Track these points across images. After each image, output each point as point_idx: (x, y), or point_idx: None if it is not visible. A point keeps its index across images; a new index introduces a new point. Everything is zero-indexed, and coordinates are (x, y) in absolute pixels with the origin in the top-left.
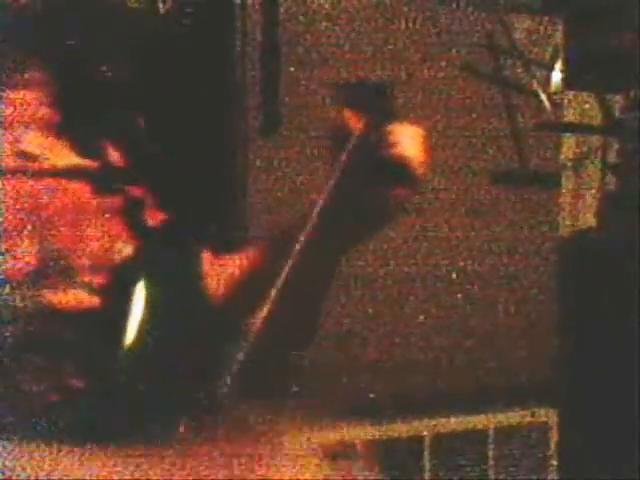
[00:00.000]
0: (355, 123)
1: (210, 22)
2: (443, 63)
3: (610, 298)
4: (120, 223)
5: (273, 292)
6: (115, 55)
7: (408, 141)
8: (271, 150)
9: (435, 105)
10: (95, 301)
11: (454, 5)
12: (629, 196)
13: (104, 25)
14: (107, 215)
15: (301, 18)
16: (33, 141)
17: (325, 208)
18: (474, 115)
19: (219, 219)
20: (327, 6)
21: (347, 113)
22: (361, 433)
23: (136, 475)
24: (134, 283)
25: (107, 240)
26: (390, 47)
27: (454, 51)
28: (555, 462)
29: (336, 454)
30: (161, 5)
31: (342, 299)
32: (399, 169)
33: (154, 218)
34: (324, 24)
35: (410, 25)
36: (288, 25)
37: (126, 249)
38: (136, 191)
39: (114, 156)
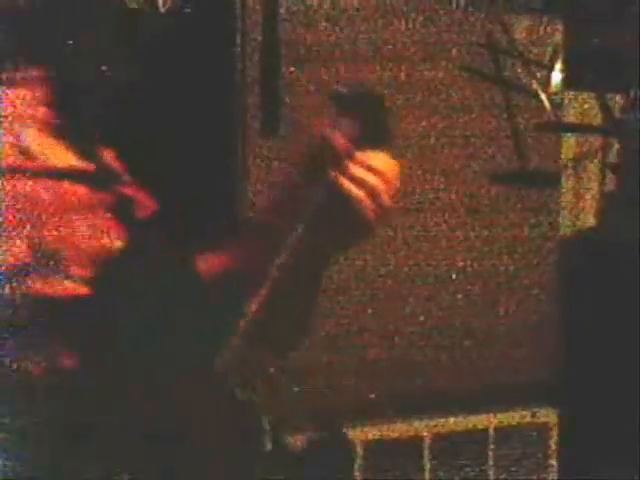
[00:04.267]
0: (336, 143)
1: (210, 22)
2: (443, 63)
3: (610, 298)
4: (109, 219)
5: (263, 289)
6: (115, 55)
7: (378, 171)
8: (271, 150)
9: (435, 105)
10: (83, 291)
11: (454, 5)
12: (629, 196)
13: (103, 25)
14: (97, 211)
15: (301, 18)
16: (33, 140)
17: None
18: (474, 115)
19: (219, 218)
20: (327, 6)
21: (330, 134)
22: (361, 433)
23: None
24: (122, 276)
25: (96, 235)
26: (390, 47)
27: (454, 51)
28: (555, 462)
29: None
30: (161, 5)
31: (342, 299)
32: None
33: (144, 214)
34: (324, 24)
35: (410, 25)
36: (288, 25)
37: (115, 244)
38: (127, 189)
39: (108, 157)
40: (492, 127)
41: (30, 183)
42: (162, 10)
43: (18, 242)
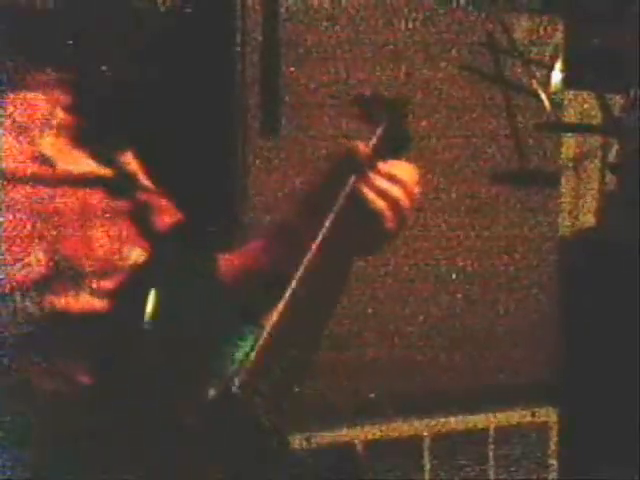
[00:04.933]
0: (359, 151)
1: (210, 22)
2: (443, 63)
3: (610, 298)
4: (128, 227)
5: (287, 294)
6: (117, 55)
7: (400, 181)
8: (271, 150)
9: (435, 105)
10: (103, 305)
11: (454, 5)
12: (629, 196)
13: (108, 25)
14: (115, 219)
15: (301, 18)
16: (48, 145)
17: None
18: (474, 115)
19: (220, 219)
20: (327, 6)
21: (352, 144)
22: (361, 433)
23: None
24: (144, 286)
25: (115, 244)
26: (390, 47)
27: (454, 51)
28: (555, 462)
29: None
30: (161, 4)
31: (342, 299)
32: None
33: (163, 221)
34: (324, 24)
35: (410, 25)
36: (288, 25)
37: (135, 253)
38: (145, 195)
39: (127, 162)
40: (492, 127)
41: (42, 191)
42: (162, 9)
43: (34, 252)
